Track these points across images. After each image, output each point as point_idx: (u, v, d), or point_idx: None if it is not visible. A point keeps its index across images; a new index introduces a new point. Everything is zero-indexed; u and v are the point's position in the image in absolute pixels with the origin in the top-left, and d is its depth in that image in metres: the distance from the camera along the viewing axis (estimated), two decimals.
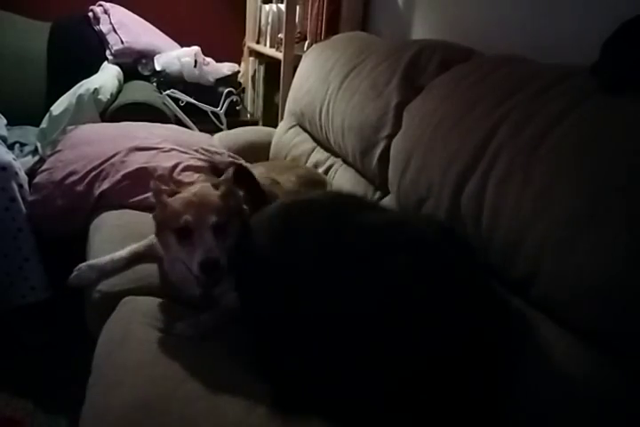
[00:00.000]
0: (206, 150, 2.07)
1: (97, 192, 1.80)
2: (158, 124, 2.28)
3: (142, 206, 1.72)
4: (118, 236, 1.57)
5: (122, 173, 1.81)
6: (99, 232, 1.64)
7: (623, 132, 0.90)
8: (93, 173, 1.84)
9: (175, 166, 1.86)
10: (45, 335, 1.93)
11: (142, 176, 1.79)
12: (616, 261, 0.82)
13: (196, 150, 2.03)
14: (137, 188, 1.78)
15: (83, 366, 1.15)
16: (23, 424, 1.58)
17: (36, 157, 2.35)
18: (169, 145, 1.99)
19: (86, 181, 1.82)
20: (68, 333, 1.71)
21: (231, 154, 2.18)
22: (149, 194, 1.73)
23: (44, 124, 2.50)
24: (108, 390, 1.00)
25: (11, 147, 2.40)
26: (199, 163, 1.94)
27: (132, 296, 1.33)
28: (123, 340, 1.14)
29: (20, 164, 1.97)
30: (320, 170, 2.00)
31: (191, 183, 1.49)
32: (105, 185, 1.80)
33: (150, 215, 1.33)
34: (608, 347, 0.85)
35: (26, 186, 1.89)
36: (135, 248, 1.47)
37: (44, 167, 1.92)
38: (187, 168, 1.87)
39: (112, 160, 1.87)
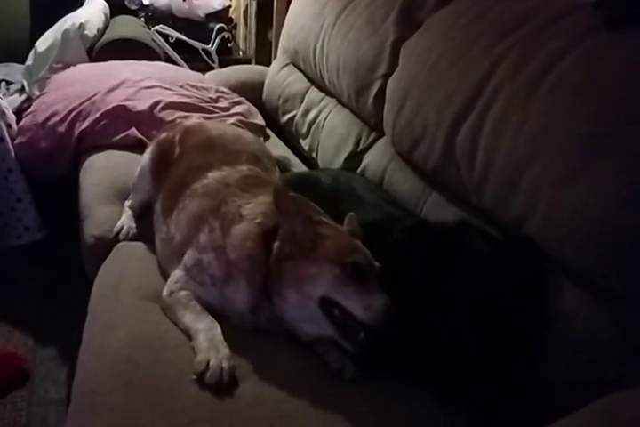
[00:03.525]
0: (192, 86, 2.01)
1: (77, 132, 1.76)
2: (144, 62, 2.21)
3: (124, 145, 1.71)
4: (107, 178, 1.57)
5: (101, 111, 1.77)
6: (88, 175, 1.63)
7: (625, 71, 0.88)
8: (74, 112, 1.80)
9: (155, 104, 1.80)
10: (42, 276, 1.95)
11: (121, 114, 1.76)
12: (611, 202, 0.82)
13: (182, 86, 1.98)
14: (117, 126, 1.75)
15: (81, 306, 1.17)
16: (25, 360, 1.63)
17: (24, 96, 2.29)
18: (152, 82, 1.93)
19: (67, 121, 1.79)
20: (67, 272, 1.73)
21: (220, 88, 2.11)
22: (129, 131, 1.73)
23: (29, 61, 2.42)
24: (103, 331, 1.02)
25: None
26: (183, 99, 1.88)
27: (126, 242, 1.33)
28: (117, 284, 1.15)
29: (8, 103, 1.93)
30: (314, 111, 1.95)
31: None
32: (85, 124, 1.76)
33: (136, 155, 1.28)
34: (601, 288, 0.86)
35: (14, 125, 1.86)
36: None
37: (29, 111, 1.89)
38: (168, 106, 1.81)
39: (93, 99, 1.82)
